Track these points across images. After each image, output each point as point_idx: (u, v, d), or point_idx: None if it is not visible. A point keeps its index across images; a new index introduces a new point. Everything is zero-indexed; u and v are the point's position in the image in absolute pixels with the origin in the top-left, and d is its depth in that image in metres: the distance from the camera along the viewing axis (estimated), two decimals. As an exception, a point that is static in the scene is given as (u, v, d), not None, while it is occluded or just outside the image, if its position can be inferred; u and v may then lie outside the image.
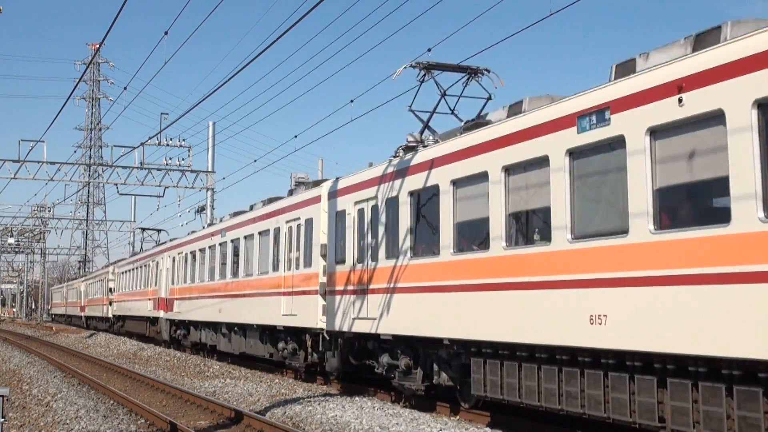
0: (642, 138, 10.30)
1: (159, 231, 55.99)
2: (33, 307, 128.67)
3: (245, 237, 26.67)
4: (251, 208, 27.70)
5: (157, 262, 40.01)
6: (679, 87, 9.81)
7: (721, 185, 9.35)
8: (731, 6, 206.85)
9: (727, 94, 9.20)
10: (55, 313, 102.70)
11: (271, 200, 25.55)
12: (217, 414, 16.83)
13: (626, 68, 11.20)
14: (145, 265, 43.56)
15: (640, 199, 10.33)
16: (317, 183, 22.45)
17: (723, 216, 9.35)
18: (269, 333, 24.66)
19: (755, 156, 8.91)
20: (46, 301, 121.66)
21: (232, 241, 28.08)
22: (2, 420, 10.86)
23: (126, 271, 50.98)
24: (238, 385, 21.71)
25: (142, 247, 54.71)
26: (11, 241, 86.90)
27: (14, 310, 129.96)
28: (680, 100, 9.80)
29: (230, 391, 20.63)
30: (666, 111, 9.99)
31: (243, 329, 26.95)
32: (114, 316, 55.50)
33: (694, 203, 10.37)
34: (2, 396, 10.82)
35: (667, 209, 10.29)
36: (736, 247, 9.03)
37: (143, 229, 57.22)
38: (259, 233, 25.18)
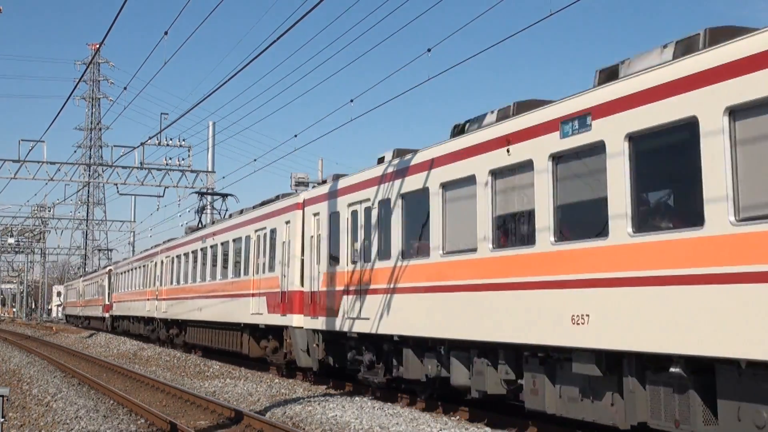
0: None
1: (225, 196, 41.12)
2: (33, 307, 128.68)
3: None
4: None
5: (273, 230, 23.72)
6: None
7: None
8: (731, 6, 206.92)
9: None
10: (69, 314, 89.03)
11: None
12: (217, 414, 16.83)
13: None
14: (234, 240, 27.72)
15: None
16: None
17: None
18: None
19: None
20: (46, 300, 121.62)
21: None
22: (2, 420, 10.85)
23: (187, 253, 34.29)
24: (238, 385, 21.71)
25: (200, 221, 39.65)
26: (11, 241, 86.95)
27: (14, 310, 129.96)
28: None
29: (230, 391, 20.63)
30: None
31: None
32: (162, 319, 38.93)
33: None
34: (2, 396, 10.81)
35: None
36: None
37: (202, 193, 41.80)
38: None
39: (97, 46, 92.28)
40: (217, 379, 23.89)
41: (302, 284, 21.59)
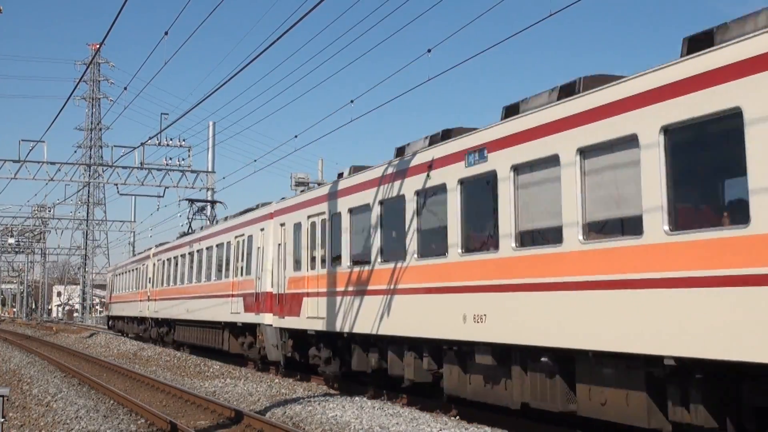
0: None
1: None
2: (33, 307, 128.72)
3: None
4: None
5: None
6: None
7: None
8: (731, 6, 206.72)
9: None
10: (117, 316, 54.19)
11: None
12: (217, 414, 16.84)
13: None
14: None
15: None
16: None
17: None
18: None
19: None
20: (47, 300, 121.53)
21: None
22: (2, 420, 10.86)
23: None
24: (238, 385, 21.71)
25: None
26: (11, 241, 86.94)
27: (14, 310, 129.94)
28: None
29: (230, 391, 20.63)
30: None
31: None
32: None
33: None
34: (2, 396, 10.82)
35: None
36: None
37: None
38: None
39: (98, 46, 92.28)
40: (217, 379, 23.89)
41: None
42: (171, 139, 45.03)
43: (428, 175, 15.59)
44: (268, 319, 23.72)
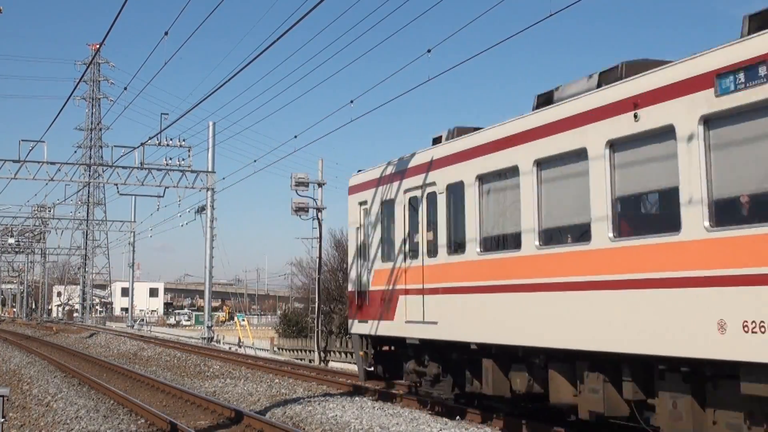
0: None
1: None
2: (33, 307, 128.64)
3: None
4: None
5: None
6: None
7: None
8: (731, 6, 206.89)
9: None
10: (434, 340, 15.63)
11: None
12: (217, 414, 16.84)
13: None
14: None
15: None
16: None
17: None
18: None
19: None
20: (47, 301, 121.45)
21: None
22: (2, 420, 10.86)
23: None
24: (238, 385, 21.72)
25: None
26: (11, 241, 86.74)
27: (14, 310, 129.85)
28: None
29: (230, 391, 20.64)
30: None
31: None
32: None
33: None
34: (2, 396, 10.82)
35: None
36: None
37: None
38: None
39: (98, 46, 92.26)
40: (217, 379, 23.89)
41: None
42: (171, 139, 44.88)
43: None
44: None
